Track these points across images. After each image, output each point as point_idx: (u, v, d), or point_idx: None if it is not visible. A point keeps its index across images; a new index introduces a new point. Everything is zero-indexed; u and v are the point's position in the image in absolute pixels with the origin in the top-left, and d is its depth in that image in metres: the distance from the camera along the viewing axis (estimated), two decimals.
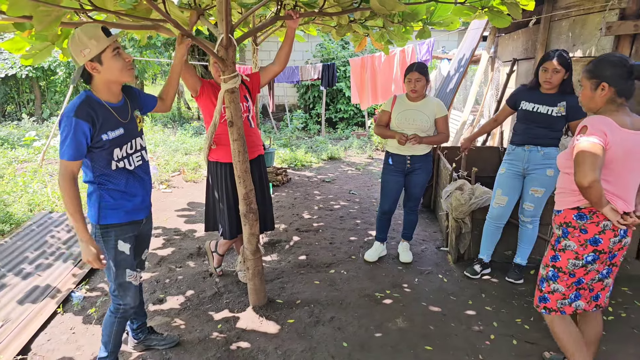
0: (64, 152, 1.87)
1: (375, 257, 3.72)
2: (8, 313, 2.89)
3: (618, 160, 1.89)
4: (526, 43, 5.06)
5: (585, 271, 2.04)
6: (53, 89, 13.19)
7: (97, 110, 1.91)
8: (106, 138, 1.94)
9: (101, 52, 1.85)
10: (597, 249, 1.98)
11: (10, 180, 5.88)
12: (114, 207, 2.04)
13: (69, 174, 1.89)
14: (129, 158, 2.08)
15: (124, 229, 2.09)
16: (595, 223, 1.96)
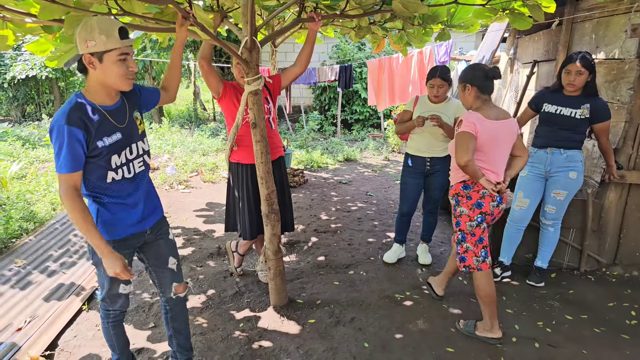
0: (62, 166, 1.68)
1: (395, 258, 3.72)
2: (35, 309, 2.96)
3: (486, 144, 2.47)
4: (547, 44, 5.00)
5: (481, 230, 2.55)
6: (72, 89, 13.46)
7: (89, 115, 1.73)
8: (102, 145, 1.76)
9: (106, 51, 1.68)
10: (481, 211, 2.53)
11: (33, 179, 6.01)
12: (112, 223, 1.88)
13: (71, 188, 1.71)
14: (129, 164, 1.90)
15: (122, 244, 1.92)
16: (477, 191, 2.53)
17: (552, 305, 3.02)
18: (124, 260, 1.83)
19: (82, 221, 1.72)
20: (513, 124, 2.55)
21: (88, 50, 1.66)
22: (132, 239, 1.97)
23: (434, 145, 3.40)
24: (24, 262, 3.68)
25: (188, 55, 12.56)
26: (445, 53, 6.50)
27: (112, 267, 1.80)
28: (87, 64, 1.70)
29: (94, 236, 1.75)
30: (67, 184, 1.70)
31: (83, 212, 1.72)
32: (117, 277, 1.83)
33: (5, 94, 13.44)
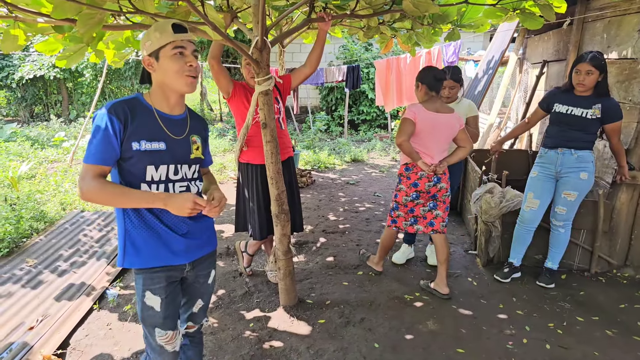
0: (90, 154, 1.49)
1: (403, 259, 3.71)
2: (47, 309, 2.98)
3: (424, 131, 2.94)
4: (557, 44, 4.97)
5: (414, 204, 3.11)
6: (80, 90, 13.56)
7: (136, 111, 1.57)
8: (136, 148, 1.54)
9: (161, 47, 1.55)
10: (417, 189, 3.06)
11: (42, 179, 6.06)
12: (141, 247, 1.60)
13: (95, 179, 1.48)
14: (168, 184, 1.63)
15: (154, 277, 1.64)
16: (415, 173, 3.03)
17: (562, 307, 3.00)
18: (193, 197, 1.51)
19: (120, 195, 1.50)
20: (453, 118, 2.99)
21: (146, 52, 1.59)
22: (165, 271, 1.66)
23: (443, 148, 3.38)
24: (34, 262, 3.71)
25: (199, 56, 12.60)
26: (453, 53, 6.48)
27: (183, 202, 1.50)
28: (147, 66, 1.60)
29: (141, 196, 1.52)
30: (91, 175, 1.48)
31: (114, 189, 1.50)
32: (192, 213, 1.52)
33: (13, 95, 13.57)
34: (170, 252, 1.64)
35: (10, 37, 2.39)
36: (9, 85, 13.04)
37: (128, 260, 1.61)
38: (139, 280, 1.65)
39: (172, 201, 1.51)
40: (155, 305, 1.65)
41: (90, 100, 13.80)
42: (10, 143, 7.93)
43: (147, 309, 1.65)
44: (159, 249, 1.63)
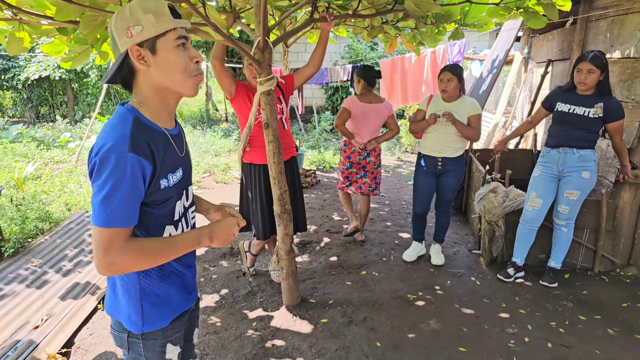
0: (114, 215, 1.10)
1: (414, 257, 3.74)
2: (51, 308, 3.01)
3: (357, 117, 3.80)
4: (562, 43, 4.96)
5: (349, 172, 3.98)
6: (85, 91, 13.62)
7: (155, 139, 1.19)
8: (166, 185, 1.22)
9: (159, 35, 1.16)
10: (350, 161, 3.94)
11: (48, 180, 6.11)
12: (161, 303, 1.32)
13: (121, 244, 1.13)
14: (186, 215, 1.38)
15: (175, 325, 1.39)
16: (350, 148, 3.93)
17: (565, 306, 3.00)
18: (229, 219, 1.34)
19: (166, 250, 1.20)
20: (382, 107, 3.83)
21: (133, 40, 1.15)
22: (184, 315, 1.43)
23: (446, 145, 3.41)
24: (40, 262, 3.74)
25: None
26: (458, 52, 6.47)
27: (229, 229, 1.32)
28: (137, 60, 1.17)
29: (183, 241, 1.23)
30: (122, 241, 1.13)
31: (156, 244, 1.19)
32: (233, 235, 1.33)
33: (19, 96, 13.67)
34: (188, 293, 1.42)
35: (16, 39, 2.42)
36: (15, 87, 13.13)
37: (150, 324, 1.31)
38: (156, 336, 1.35)
39: (217, 232, 1.30)
40: (174, 356, 1.42)
41: (95, 101, 13.87)
42: (16, 144, 7.99)
43: None
44: (181, 294, 1.38)
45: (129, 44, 1.16)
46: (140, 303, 1.29)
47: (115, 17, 1.17)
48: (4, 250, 3.85)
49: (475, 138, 3.40)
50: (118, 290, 1.32)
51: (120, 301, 1.31)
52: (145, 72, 1.19)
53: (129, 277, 1.28)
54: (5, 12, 2.16)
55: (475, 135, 3.37)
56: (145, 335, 1.34)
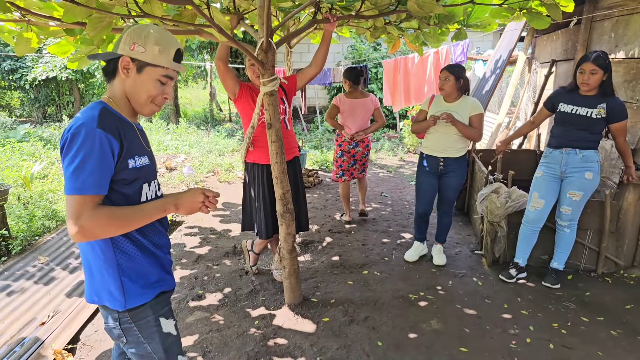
0: (86, 184, 1.23)
1: (416, 257, 3.75)
2: (58, 305, 3.05)
3: (345, 112, 4.36)
4: (566, 44, 4.95)
5: (340, 161, 4.52)
6: (91, 91, 13.75)
7: (122, 125, 1.36)
8: (133, 165, 1.37)
9: (151, 64, 1.39)
10: (341, 149, 4.50)
11: (54, 179, 6.17)
12: (140, 278, 1.43)
13: (91, 209, 1.24)
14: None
15: (161, 300, 1.49)
16: (341, 137, 4.49)
17: (567, 307, 3.00)
18: (203, 190, 1.44)
19: (133, 216, 1.33)
20: (368, 102, 4.37)
21: (131, 54, 1.36)
22: (166, 295, 1.53)
23: (448, 146, 3.42)
24: (47, 259, 3.79)
25: (205, 57, 12.72)
26: (461, 53, 6.46)
27: (194, 197, 1.42)
28: (122, 68, 1.37)
29: (149, 208, 1.36)
30: (91, 207, 1.25)
31: (123, 211, 1.32)
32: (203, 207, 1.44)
33: (26, 96, 13.79)
34: (167, 274, 1.53)
35: (24, 40, 2.46)
36: (23, 87, 13.26)
37: (132, 299, 1.41)
38: (145, 313, 1.44)
39: (182, 200, 1.41)
40: (172, 329, 1.52)
41: None
42: (24, 143, 8.07)
43: (167, 337, 1.50)
44: (160, 273, 1.49)
45: (127, 53, 1.36)
46: (119, 279, 1.39)
47: (132, 30, 1.38)
48: (12, 247, 3.90)
49: (476, 138, 3.40)
50: (95, 273, 1.41)
51: (99, 282, 1.41)
52: (122, 79, 1.40)
53: (106, 257, 1.38)
54: (14, 14, 2.20)
55: (477, 135, 3.37)
56: (134, 315, 1.42)
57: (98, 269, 1.40)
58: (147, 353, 1.48)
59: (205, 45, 11.45)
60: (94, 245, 1.38)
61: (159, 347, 1.48)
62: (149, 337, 1.46)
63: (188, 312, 2.96)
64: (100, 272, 1.40)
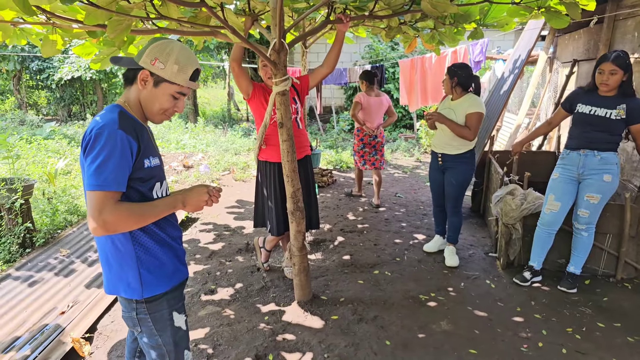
0: (107, 180, 1.32)
1: (435, 248, 3.87)
2: (77, 296, 3.16)
3: (366, 108, 4.96)
4: (588, 43, 4.85)
5: (362, 152, 5.17)
6: (114, 91, 14.08)
7: (138, 127, 1.46)
8: (148, 165, 1.46)
9: (168, 81, 1.48)
10: (363, 142, 5.13)
11: (77, 175, 6.35)
12: (157, 269, 1.51)
13: (112, 205, 1.33)
14: None
15: (176, 294, 1.59)
16: (362, 132, 5.10)
17: (583, 312, 2.94)
18: (206, 187, 1.54)
19: (148, 212, 1.42)
20: (383, 99, 5.05)
21: (151, 69, 1.45)
22: (182, 286, 1.63)
23: (445, 142, 3.55)
24: (68, 252, 3.92)
25: (223, 57, 12.87)
26: (480, 52, 6.38)
27: (199, 195, 1.51)
28: (140, 80, 1.47)
29: (161, 204, 1.45)
30: (112, 203, 1.33)
31: (140, 207, 1.40)
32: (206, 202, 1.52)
33: (53, 95, 14.22)
34: (182, 265, 1.61)
35: (50, 42, 2.57)
36: (49, 86, 13.67)
37: (149, 289, 1.49)
38: (161, 306, 1.53)
39: (189, 197, 1.50)
40: (183, 324, 1.61)
41: None
42: (49, 140, 8.31)
43: (177, 331, 1.58)
44: (176, 264, 1.57)
45: (147, 66, 1.46)
46: (138, 271, 1.48)
47: (157, 44, 1.47)
48: (36, 240, 4.05)
49: (466, 136, 3.40)
50: (112, 265, 1.50)
51: (117, 274, 1.49)
52: (138, 88, 1.49)
53: (125, 250, 1.47)
54: (40, 17, 2.29)
55: (467, 133, 3.38)
56: (150, 307, 1.51)
57: (117, 261, 1.48)
58: (157, 344, 1.56)
59: (223, 46, 11.59)
60: (113, 239, 1.46)
61: (169, 340, 1.56)
62: (161, 329, 1.54)
63: (200, 305, 3.02)
64: (119, 264, 1.48)
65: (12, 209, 3.85)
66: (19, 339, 2.64)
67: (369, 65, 8.98)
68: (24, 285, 3.32)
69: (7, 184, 4.00)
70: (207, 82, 20.17)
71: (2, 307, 3.00)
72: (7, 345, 2.57)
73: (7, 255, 3.75)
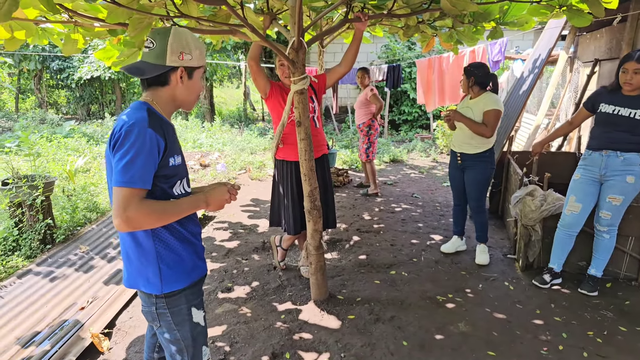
0: (134, 177, 1.33)
1: (452, 249, 3.85)
2: (96, 291, 3.21)
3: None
4: (610, 42, 4.75)
5: (377, 142, 5.74)
6: (132, 90, 14.29)
7: (164, 125, 1.47)
8: (172, 162, 1.48)
9: (197, 67, 1.53)
10: (376, 133, 5.71)
11: (96, 173, 6.45)
12: (177, 265, 1.52)
13: (137, 202, 1.34)
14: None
15: (195, 290, 1.60)
16: (374, 125, 5.68)
17: (604, 316, 2.88)
18: (226, 185, 1.58)
19: (171, 210, 1.43)
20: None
21: (183, 64, 1.47)
22: (201, 282, 1.64)
23: (463, 141, 3.55)
24: (87, 248, 3.98)
25: (239, 57, 12.95)
26: (499, 52, 6.31)
27: (221, 195, 1.55)
28: (178, 78, 1.49)
29: (184, 203, 1.47)
30: (138, 200, 1.34)
31: (163, 205, 1.42)
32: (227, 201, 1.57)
33: (72, 94, 14.49)
34: (201, 260, 1.62)
35: (71, 41, 2.62)
36: (69, 85, 13.94)
37: (168, 284, 1.50)
38: (180, 301, 1.54)
39: (211, 196, 1.53)
40: (201, 320, 1.62)
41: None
42: (69, 139, 8.47)
43: (196, 326, 1.59)
44: (195, 260, 1.58)
45: (177, 63, 1.47)
46: (157, 266, 1.49)
47: (173, 37, 1.45)
48: (56, 236, 4.12)
49: (483, 133, 3.40)
50: (132, 260, 1.52)
51: (137, 269, 1.51)
52: (175, 86, 1.50)
53: (146, 246, 1.48)
54: (62, 15, 2.33)
55: (484, 130, 3.39)
56: (169, 302, 1.52)
57: (137, 257, 1.50)
58: (176, 339, 1.57)
59: (240, 46, 11.66)
60: (134, 234, 1.48)
61: (188, 335, 1.57)
62: (180, 324, 1.55)
63: (217, 303, 3.04)
64: (140, 259, 1.49)
65: (33, 206, 3.93)
66: (39, 334, 2.69)
67: (385, 65, 8.92)
68: (45, 280, 3.38)
69: (29, 180, 4.08)
70: (223, 81, 20.31)
71: (23, 302, 3.06)
72: (28, 340, 2.62)
73: (28, 250, 3.83)
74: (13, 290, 3.23)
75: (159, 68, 1.46)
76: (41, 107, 14.69)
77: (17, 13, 2.22)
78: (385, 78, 8.60)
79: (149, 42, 1.47)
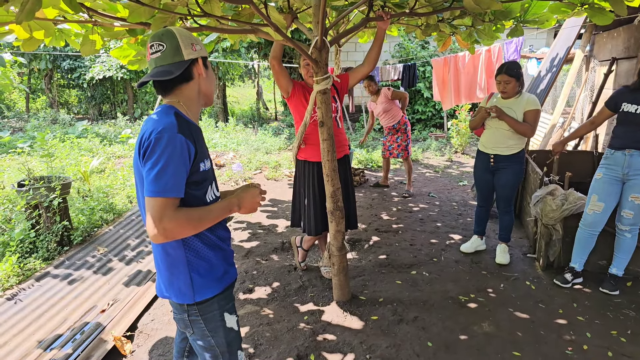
0: (168, 186, 1.29)
1: (472, 249, 3.82)
2: (116, 294, 3.22)
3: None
4: (628, 41, 4.69)
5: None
6: (144, 89, 14.33)
7: (193, 130, 1.43)
8: (203, 168, 1.43)
9: (205, 56, 1.51)
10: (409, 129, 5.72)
11: (111, 174, 6.48)
12: (208, 273, 1.49)
13: (172, 211, 1.30)
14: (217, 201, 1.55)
15: (226, 295, 1.56)
16: (407, 121, 5.69)
17: (627, 315, 2.85)
18: (257, 187, 1.56)
19: (205, 217, 1.39)
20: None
21: (198, 54, 1.46)
22: (232, 287, 1.60)
23: (499, 143, 3.46)
24: (105, 250, 4.00)
25: (252, 56, 12.97)
26: (515, 51, 6.26)
27: (253, 197, 1.53)
28: (200, 70, 1.48)
29: (217, 209, 1.43)
30: (172, 209, 1.30)
31: (198, 212, 1.37)
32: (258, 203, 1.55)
33: (84, 94, 14.59)
34: (231, 266, 1.58)
35: (89, 41, 2.62)
36: (80, 85, 14.04)
37: (200, 292, 1.47)
38: (212, 307, 1.50)
39: (243, 199, 1.50)
40: (234, 324, 1.58)
41: (154, 99, 14.56)
42: (82, 139, 8.52)
43: (229, 332, 1.56)
44: (225, 266, 1.54)
45: (194, 55, 1.44)
46: (189, 275, 1.45)
47: (177, 33, 1.43)
48: (73, 238, 4.13)
49: (528, 133, 3.36)
50: (163, 270, 1.49)
51: (167, 279, 1.48)
52: (198, 80, 1.48)
53: (176, 255, 1.45)
54: (81, 15, 2.33)
55: (529, 130, 3.34)
56: (201, 309, 1.49)
57: (167, 266, 1.46)
58: (210, 346, 1.54)
59: (253, 45, 11.67)
60: (164, 244, 1.44)
61: (222, 341, 1.54)
62: (214, 330, 1.52)
63: (239, 305, 3.04)
64: (170, 269, 1.46)
65: (50, 207, 3.92)
66: (60, 336, 2.69)
67: (400, 64, 8.90)
68: (64, 283, 3.38)
69: (45, 182, 4.08)
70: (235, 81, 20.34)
71: (43, 305, 3.06)
72: (49, 344, 2.62)
73: (45, 253, 3.80)
74: (32, 293, 3.23)
75: (182, 64, 1.42)
76: (52, 107, 14.81)
77: (38, 12, 2.23)
78: (400, 77, 8.56)
79: (157, 46, 1.42)
